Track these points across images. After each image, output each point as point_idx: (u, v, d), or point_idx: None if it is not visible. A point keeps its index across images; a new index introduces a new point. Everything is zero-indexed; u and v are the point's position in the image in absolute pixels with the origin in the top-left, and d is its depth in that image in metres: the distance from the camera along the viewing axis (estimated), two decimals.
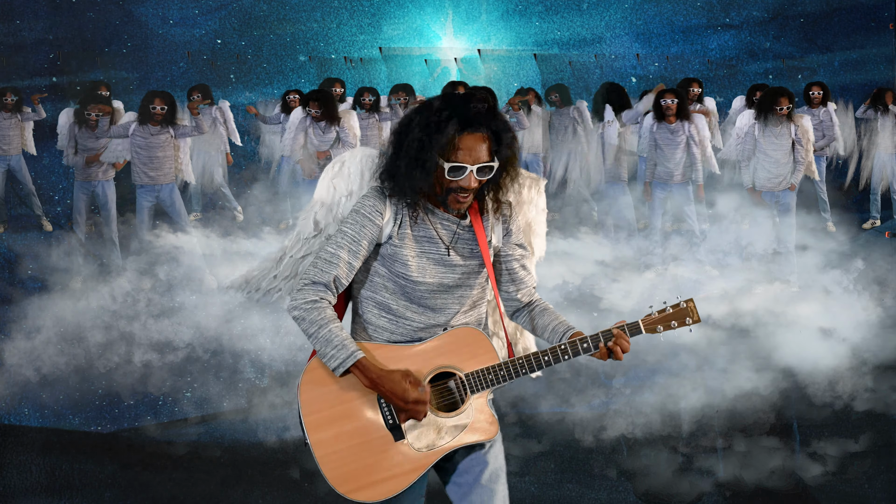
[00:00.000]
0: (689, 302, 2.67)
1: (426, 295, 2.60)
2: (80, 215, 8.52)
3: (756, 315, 6.88)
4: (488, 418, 2.60)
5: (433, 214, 2.62)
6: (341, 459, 2.52)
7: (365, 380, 2.51)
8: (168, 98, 8.00)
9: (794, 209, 7.88)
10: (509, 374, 2.57)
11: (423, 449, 2.54)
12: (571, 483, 4.52)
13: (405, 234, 2.58)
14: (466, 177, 2.50)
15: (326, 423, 2.53)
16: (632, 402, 5.46)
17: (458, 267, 2.62)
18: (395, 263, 2.58)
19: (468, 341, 2.60)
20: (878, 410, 5.38)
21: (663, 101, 8.03)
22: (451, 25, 14.08)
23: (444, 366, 2.57)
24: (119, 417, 5.50)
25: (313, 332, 2.52)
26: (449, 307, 2.63)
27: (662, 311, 2.66)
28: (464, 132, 2.49)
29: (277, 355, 6.18)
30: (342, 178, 2.79)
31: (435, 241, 2.61)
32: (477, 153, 2.50)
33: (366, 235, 2.56)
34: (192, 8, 13.35)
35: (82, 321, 6.71)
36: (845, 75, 13.61)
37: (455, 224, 2.63)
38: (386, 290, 2.62)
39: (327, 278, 2.54)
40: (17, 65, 12.47)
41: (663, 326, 2.65)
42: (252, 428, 5.30)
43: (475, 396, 2.58)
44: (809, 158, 7.83)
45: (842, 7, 13.84)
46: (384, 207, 2.57)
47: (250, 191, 10.57)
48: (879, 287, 7.63)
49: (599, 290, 7.53)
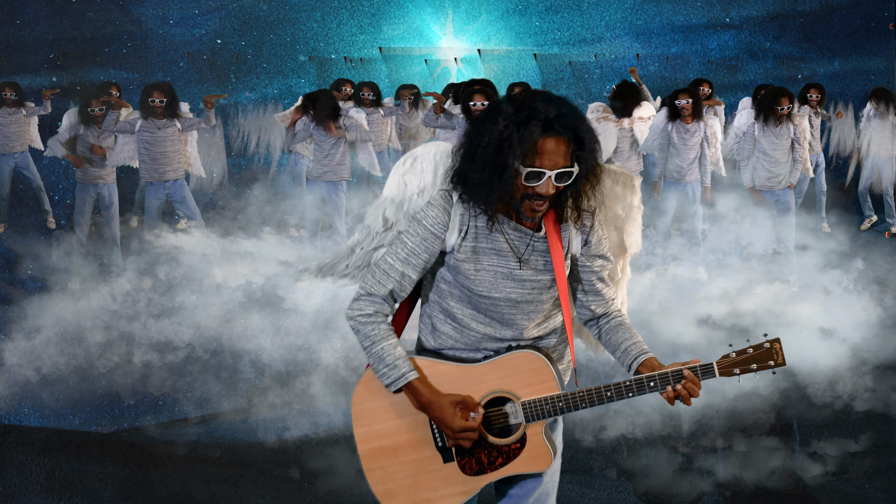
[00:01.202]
0: (774, 343, 2.48)
1: (492, 308, 2.50)
2: (83, 217, 8.45)
3: (756, 315, 6.88)
4: (541, 449, 2.50)
5: (506, 225, 2.47)
6: (388, 475, 2.49)
7: (415, 402, 2.46)
8: (167, 89, 7.95)
9: (794, 208, 7.89)
10: (568, 406, 2.46)
11: (471, 473, 2.49)
12: (571, 483, 4.52)
13: (470, 247, 2.46)
14: (544, 183, 2.34)
15: (376, 437, 2.49)
16: (632, 402, 5.45)
17: (528, 282, 2.49)
18: (459, 275, 2.48)
19: (529, 367, 2.48)
20: (878, 410, 5.38)
21: (678, 101, 8.01)
22: (451, 25, 14.08)
23: (501, 390, 2.48)
24: (119, 417, 5.50)
25: (367, 346, 2.46)
26: (517, 321, 2.51)
27: (742, 353, 2.47)
28: (544, 135, 2.32)
29: (277, 355, 6.18)
30: (414, 173, 2.68)
31: (505, 254, 2.47)
32: (556, 158, 2.33)
33: (426, 248, 2.46)
34: (192, 8, 13.34)
35: (82, 321, 6.71)
36: (845, 75, 13.61)
37: (529, 237, 2.48)
38: (452, 298, 2.53)
39: (384, 291, 2.48)
40: (17, 65, 12.46)
41: (741, 369, 2.46)
42: (252, 428, 5.30)
43: (530, 425, 2.49)
44: (806, 156, 7.87)
45: (842, 7, 13.83)
46: (448, 219, 2.45)
47: (250, 191, 10.57)
48: (879, 287, 7.63)
49: None
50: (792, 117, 7.69)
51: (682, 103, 7.99)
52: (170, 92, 7.95)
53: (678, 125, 8.04)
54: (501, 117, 2.34)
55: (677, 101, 8.02)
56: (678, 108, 8.00)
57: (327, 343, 6.25)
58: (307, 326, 6.59)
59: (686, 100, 7.99)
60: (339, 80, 10.26)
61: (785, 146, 7.70)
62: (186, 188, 8.14)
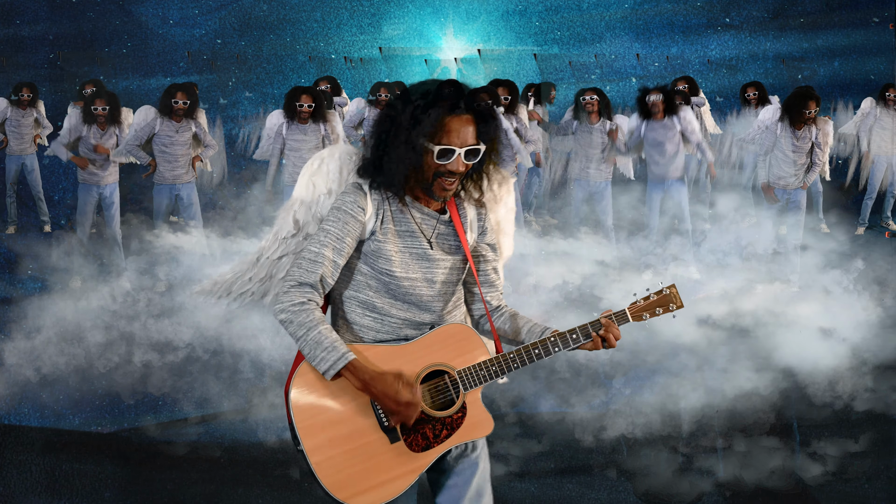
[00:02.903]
0: (671, 288, 2.67)
1: (410, 291, 2.56)
2: (85, 217, 8.40)
3: (756, 315, 6.88)
4: (482, 415, 2.57)
5: (414, 209, 2.59)
6: (337, 465, 2.47)
7: (356, 381, 2.46)
8: (191, 91, 7.94)
9: (804, 208, 7.92)
10: (501, 369, 2.54)
11: (419, 449, 2.51)
12: (571, 483, 4.52)
13: (388, 230, 2.55)
14: (455, 160, 2.48)
15: (320, 429, 2.48)
16: (632, 402, 5.46)
17: (440, 261, 2.60)
18: (379, 259, 2.54)
19: (458, 338, 2.56)
20: (878, 410, 5.38)
21: (648, 98, 8.06)
22: (451, 25, 14.08)
23: (436, 364, 2.54)
24: (119, 417, 5.50)
25: (302, 334, 2.45)
26: (434, 304, 2.60)
27: (647, 299, 2.67)
28: (451, 114, 2.47)
29: (277, 355, 6.17)
30: (321, 175, 2.72)
31: (416, 235, 2.58)
32: (464, 136, 2.48)
33: (349, 233, 2.52)
34: (192, 8, 13.35)
35: (82, 321, 6.71)
36: (845, 75, 13.61)
37: (435, 219, 2.60)
38: (369, 289, 2.58)
39: (314, 278, 2.49)
40: (18, 65, 12.47)
41: (649, 314, 2.66)
42: (252, 428, 5.30)
43: (468, 393, 2.55)
44: (825, 160, 7.92)
45: (842, 7, 13.84)
46: (365, 203, 2.53)
47: (250, 191, 10.57)
48: (879, 287, 7.63)
49: (599, 290, 7.53)
50: (816, 121, 7.71)
51: (651, 100, 8.06)
52: (193, 94, 7.93)
53: (652, 123, 8.11)
54: (409, 100, 2.48)
55: (647, 98, 8.09)
56: (649, 106, 8.10)
57: None
58: None
59: (655, 96, 8.06)
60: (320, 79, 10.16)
61: (804, 148, 7.72)
62: (195, 192, 8.15)
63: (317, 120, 7.93)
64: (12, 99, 9.64)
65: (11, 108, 9.62)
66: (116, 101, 8.26)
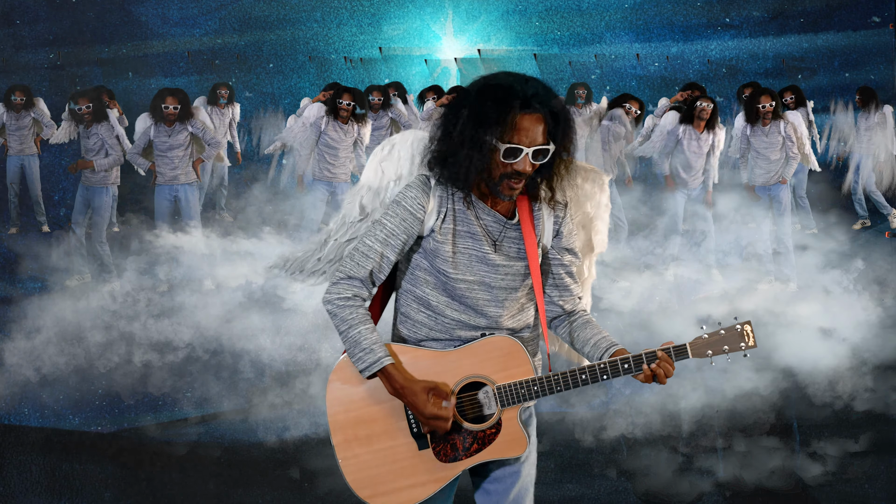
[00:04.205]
0: (745, 325, 2.49)
1: (466, 293, 2.48)
2: (84, 217, 8.39)
3: (756, 315, 6.88)
4: (517, 434, 2.48)
5: (480, 210, 2.49)
6: (363, 463, 2.46)
7: (389, 387, 2.44)
8: (181, 96, 7.93)
9: (790, 206, 7.99)
10: (543, 390, 2.45)
11: (446, 460, 2.47)
12: (571, 483, 4.52)
13: (448, 229, 2.47)
14: (522, 160, 2.37)
15: (351, 425, 2.47)
16: (632, 402, 5.46)
17: (501, 267, 2.50)
18: (437, 258, 2.48)
19: (504, 351, 2.47)
20: (878, 410, 5.38)
21: (699, 104, 8.04)
22: (451, 25, 14.08)
23: (476, 375, 2.46)
24: (119, 417, 5.50)
25: (344, 330, 2.44)
26: (490, 308, 2.50)
27: (714, 334, 2.49)
28: (522, 112, 2.36)
29: (277, 355, 6.17)
30: (391, 161, 2.67)
31: (479, 237, 2.48)
32: (533, 135, 2.37)
33: (405, 229, 2.46)
34: (192, 8, 13.35)
35: (82, 321, 6.71)
36: (845, 75, 13.61)
37: (502, 224, 2.50)
38: (426, 285, 2.51)
39: (363, 273, 2.46)
40: (18, 65, 12.47)
41: (713, 351, 2.47)
42: (252, 428, 5.30)
43: (505, 410, 2.47)
44: (806, 152, 8.00)
45: (842, 7, 13.84)
46: (427, 200, 2.46)
47: (250, 191, 10.57)
48: (879, 287, 7.64)
49: (599, 290, 7.53)
50: (780, 115, 7.83)
51: (701, 106, 7.97)
52: (184, 98, 7.92)
53: (688, 130, 8.09)
54: (478, 96, 2.38)
55: (697, 104, 8.03)
56: (696, 112, 8.02)
57: (327, 343, 6.25)
58: (307, 326, 6.59)
59: (707, 104, 7.98)
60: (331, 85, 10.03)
61: (776, 143, 7.83)
62: (195, 194, 8.14)
63: (354, 121, 8.26)
64: (10, 101, 9.63)
65: (6, 112, 9.62)
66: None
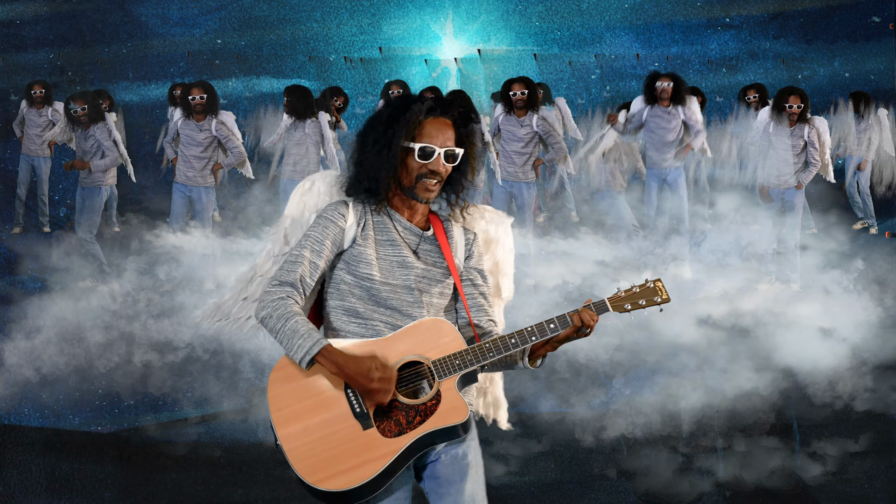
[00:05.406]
0: (656, 281, 2.68)
1: (391, 296, 2.62)
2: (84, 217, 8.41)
3: (756, 315, 6.88)
4: (456, 402, 2.56)
5: (397, 221, 2.67)
6: (309, 451, 2.50)
7: (331, 365, 2.52)
8: (207, 87, 7.98)
9: (801, 209, 7.91)
10: (476, 357, 2.56)
11: (391, 435, 2.52)
12: (571, 483, 4.52)
13: (368, 236, 2.63)
14: (435, 160, 2.57)
15: (294, 418, 2.54)
16: (632, 402, 5.46)
17: (419, 269, 2.64)
18: (360, 264, 2.61)
19: (434, 330, 2.59)
20: (878, 410, 5.38)
21: (658, 83, 8.02)
22: (451, 25, 14.08)
23: (411, 354, 2.57)
24: (119, 417, 5.50)
25: (280, 327, 2.57)
26: (415, 310, 2.63)
27: (629, 290, 2.67)
28: (429, 116, 2.59)
29: (277, 355, 6.14)
30: (312, 195, 2.81)
31: (397, 244, 2.65)
32: (444, 137, 2.59)
33: (328, 236, 2.61)
34: (192, 8, 13.35)
35: (82, 321, 6.71)
36: (845, 75, 13.61)
37: (418, 235, 2.67)
38: (352, 296, 2.63)
39: (293, 277, 2.58)
40: (18, 65, 12.47)
41: (631, 305, 2.65)
42: (252, 428, 5.30)
43: (443, 382, 2.56)
44: (825, 161, 7.87)
45: (842, 7, 13.84)
46: (347, 210, 2.63)
47: (250, 191, 10.57)
48: (879, 287, 7.63)
49: (599, 290, 7.53)
50: (806, 118, 7.70)
51: (662, 86, 8.00)
52: (210, 90, 7.96)
53: (655, 108, 8.06)
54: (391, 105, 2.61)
55: (657, 83, 8.04)
56: (657, 91, 8.01)
57: None
58: None
59: (666, 83, 8.00)
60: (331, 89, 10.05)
61: (796, 147, 7.71)
62: (210, 197, 8.13)
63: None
64: (31, 95, 9.62)
65: (27, 108, 9.62)
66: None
